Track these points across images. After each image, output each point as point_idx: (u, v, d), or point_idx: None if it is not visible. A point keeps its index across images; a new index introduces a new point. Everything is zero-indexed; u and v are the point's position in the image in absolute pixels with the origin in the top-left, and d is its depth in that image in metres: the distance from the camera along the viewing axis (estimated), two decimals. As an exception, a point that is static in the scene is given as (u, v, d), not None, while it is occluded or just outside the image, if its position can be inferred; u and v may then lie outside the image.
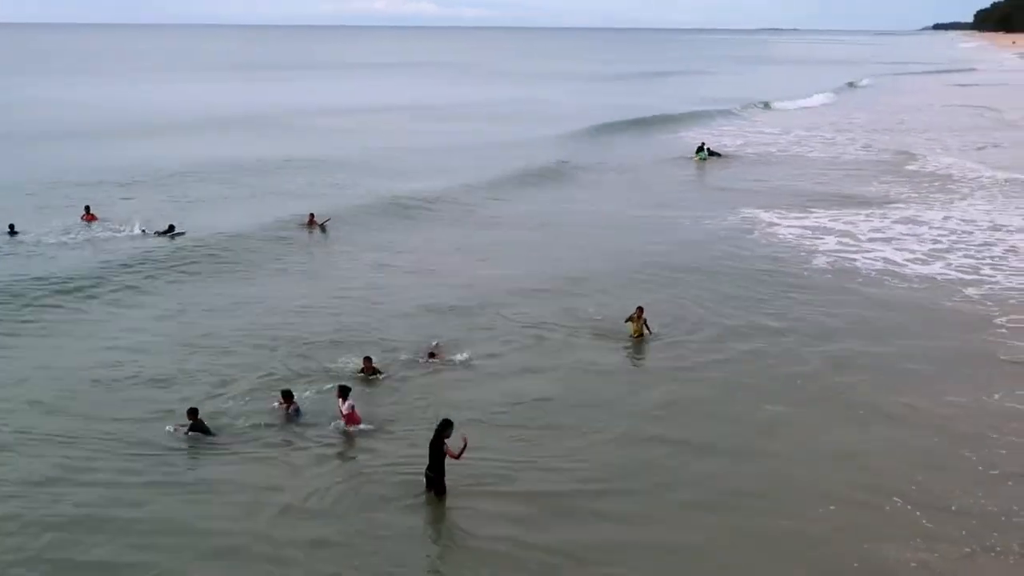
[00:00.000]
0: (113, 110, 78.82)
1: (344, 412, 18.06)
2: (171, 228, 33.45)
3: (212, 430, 18.02)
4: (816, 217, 38.82)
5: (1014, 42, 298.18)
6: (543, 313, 25.38)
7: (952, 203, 42.19)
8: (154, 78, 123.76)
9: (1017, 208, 40.79)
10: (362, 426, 18.15)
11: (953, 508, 15.59)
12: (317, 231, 34.84)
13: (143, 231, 33.61)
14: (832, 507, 15.64)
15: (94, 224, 34.97)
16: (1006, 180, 48.20)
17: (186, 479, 16.42)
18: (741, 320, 25.16)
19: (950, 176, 49.69)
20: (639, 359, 22.72)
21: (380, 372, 20.74)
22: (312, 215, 35.50)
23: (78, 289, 27.07)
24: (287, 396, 19.01)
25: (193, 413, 18.08)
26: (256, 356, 22.10)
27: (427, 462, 15.80)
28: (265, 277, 29.16)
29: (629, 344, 23.22)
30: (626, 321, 23.52)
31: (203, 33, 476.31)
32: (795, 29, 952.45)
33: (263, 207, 39.04)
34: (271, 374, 20.97)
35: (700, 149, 57.09)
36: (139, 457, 17.12)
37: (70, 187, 41.96)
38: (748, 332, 24.22)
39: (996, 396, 20.29)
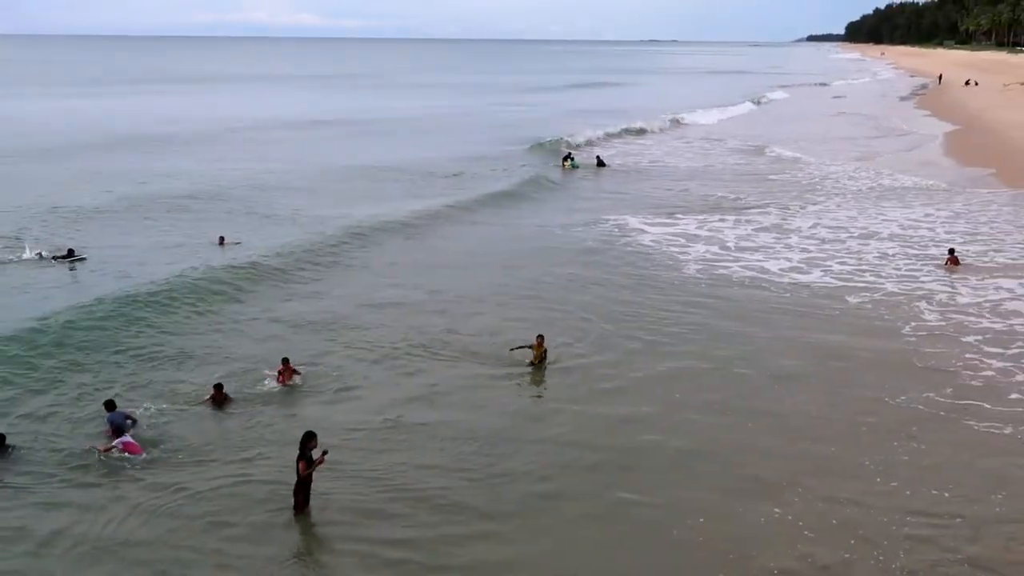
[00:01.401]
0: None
1: (120, 447, 17.56)
2: (71, 253, 31.71)
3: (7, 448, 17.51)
4: (684, 224, 39.32)
5: (883, 53, 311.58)
6: (403, 332, 24.67)
7: (823, 210, 43.04)
8: (21, 92, 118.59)
9: (882, 215, 41.65)
10: (143, 455, 17.50)
11: (834, 519, 15.52)
12: (230, 247, 33.53)
13: (40, 255, 31.70)
14: (701, 519, 15.51)
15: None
16: (871, 187, 49.41)
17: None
18: (627, 329, 25.04)
19: (822, 184, 50.74)
20: (528, 379, 22.07)
21: (231, 399, 20.06)
22: (222, 237, 34.37)
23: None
24: (109, 406, 18.69)
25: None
26: (101, 371, 21.51)
27: (295, 477, 15.63)
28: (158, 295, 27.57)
29: (516, 366, 22.49)
30: (530, 349, 22.58)
31: (71, 44, 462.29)
32: (674, 40, 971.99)
33: (155, 225, 37.75)
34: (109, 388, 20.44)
35: (567, 157, 57.71)
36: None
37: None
38: (637, 342, 24.10)
39: (901, 398, 20.46)
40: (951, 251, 32.48)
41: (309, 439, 15.63)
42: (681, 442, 18.48)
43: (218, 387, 20.07)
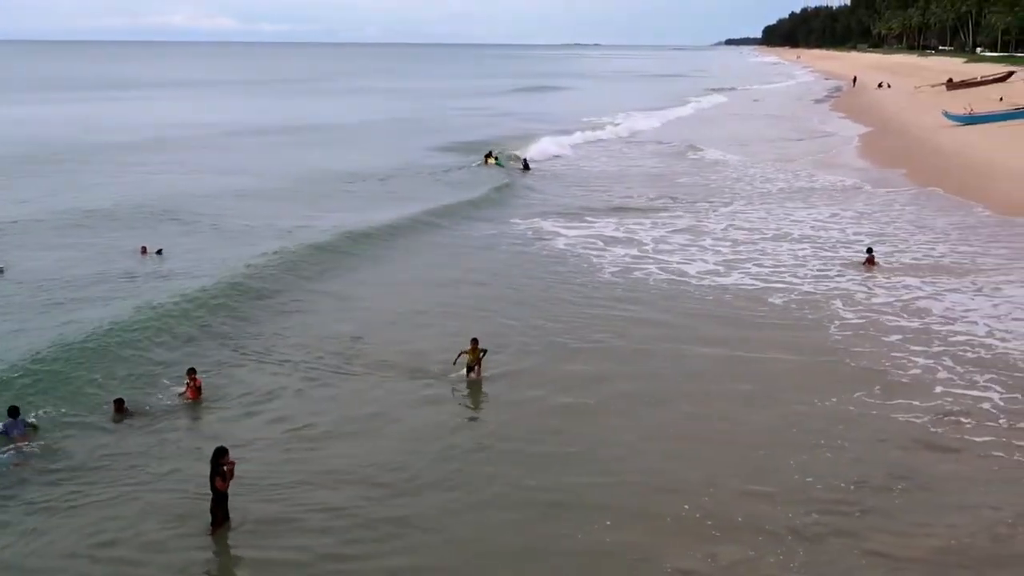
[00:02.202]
0: None
1: None
2: None
3: None
4: (600, 227, 39.82)
5: (799, 56, 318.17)
6: (315, 344, 24.32)
7: (740, 211, 43.91)
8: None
9: (795, 215, 42.57)
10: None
11: (742, 517, 15.78)
12: (152, 257, 33.05)
13: None
14: (608, 522, 15.68)
15: None
16: (786, 188, 50.47)
17: None
18: (552, 335, 25.20)
19: (740, 185, 51.70)
20: (444, 391, 21.89)
21: (132, 413, 19.66)
22: (144, 247, 33.74)
23: None
24: (12, 412, 18.38)
25: None
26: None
27: (211, 495, 15.48)
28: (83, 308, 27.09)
29: (426, 376, 22.24)
30: (457, 360, 22.09)
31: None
32: (597, 44, 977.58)
33: (79, 234, 37.12)
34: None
35: (489, 155, 58.27)
36: None
37: None
38: (563, 348, 24.25)
39: (832, 400, 20.83)
40: (869, 250, 33.31)
41: (221, 455, 15.48)
42: (597, 444, 18.65)
43: (118, 402, 19.75)
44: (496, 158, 58.02)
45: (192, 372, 20.83)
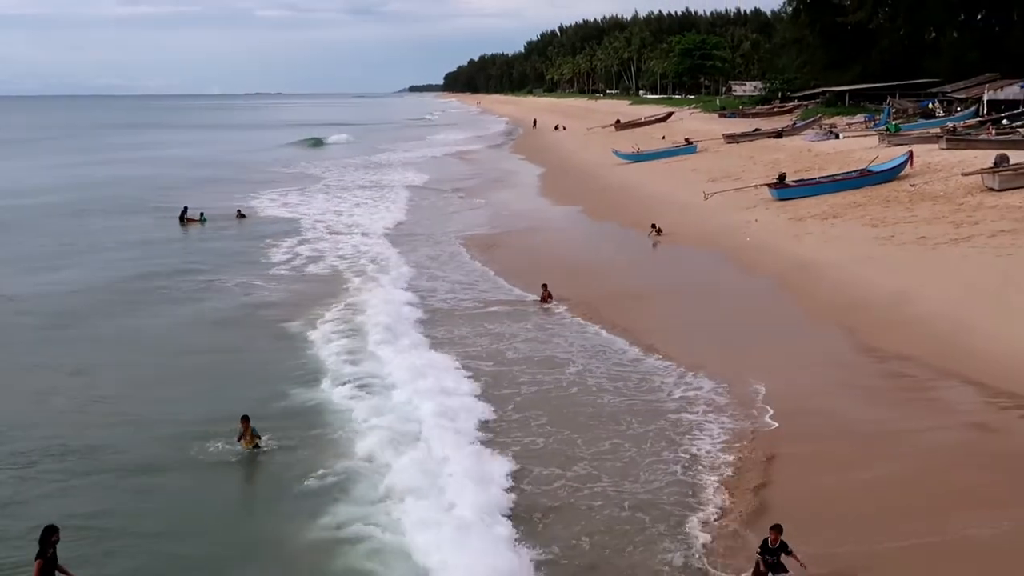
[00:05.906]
0: None
1: None
2: None
3: None
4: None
5: (479, 101, 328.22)
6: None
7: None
8: None
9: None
10: None
11: None
12: None
13: None
14: None
15: None
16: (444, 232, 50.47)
17: None
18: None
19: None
20: None
21: None
22: None
23: None
24: None
25: None
26: None
27: None
28: None
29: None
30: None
31: None
32: (279, 93, 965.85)
33: None
34: None
35: (184, 215, 54.26)
36: None
37: None
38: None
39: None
40: (544, 287, 33.16)
41: (51, 533, 13.41)
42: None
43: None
44: (202, 215, 54.31)
45: None
